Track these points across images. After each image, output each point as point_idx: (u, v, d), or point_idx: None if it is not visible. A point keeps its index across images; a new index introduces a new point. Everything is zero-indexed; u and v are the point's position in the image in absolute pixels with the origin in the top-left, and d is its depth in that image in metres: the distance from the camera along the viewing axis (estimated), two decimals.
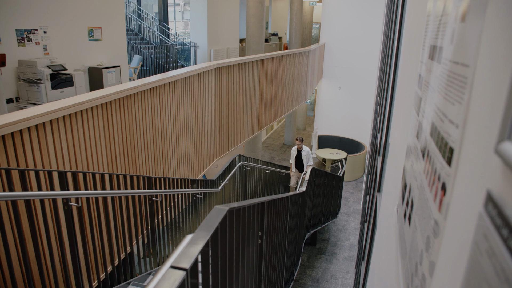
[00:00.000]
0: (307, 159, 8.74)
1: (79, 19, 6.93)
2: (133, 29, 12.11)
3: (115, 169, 3.48)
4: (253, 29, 10.65)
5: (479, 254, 0.52)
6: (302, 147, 8.77)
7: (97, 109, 3.17)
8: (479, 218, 0.55)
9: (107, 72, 7.15)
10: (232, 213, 1.34)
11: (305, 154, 8.77)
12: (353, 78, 14.33)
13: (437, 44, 1.02)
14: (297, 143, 8.76)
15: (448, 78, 0.83)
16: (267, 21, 22.42)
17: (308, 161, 8.73)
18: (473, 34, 0.69)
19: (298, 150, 8.85)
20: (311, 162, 8.75)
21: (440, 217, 0.78)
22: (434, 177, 0.88)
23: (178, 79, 4.64)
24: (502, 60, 0.52)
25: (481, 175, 0.56)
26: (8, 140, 2.34)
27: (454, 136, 0.74)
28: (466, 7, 0.74)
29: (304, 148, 8.79)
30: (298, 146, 8.78)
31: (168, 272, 0.93)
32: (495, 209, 0.48)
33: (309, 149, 8.83)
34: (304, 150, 8.78)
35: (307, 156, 8.75)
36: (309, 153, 8.76)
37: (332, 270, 7.66)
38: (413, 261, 1.04)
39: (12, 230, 2.26)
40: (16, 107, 5.83)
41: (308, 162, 8.72)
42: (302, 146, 8.77)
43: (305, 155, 8.77)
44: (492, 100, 0.54)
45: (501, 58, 0.53)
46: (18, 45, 5.94)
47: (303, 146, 8.77)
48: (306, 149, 8.79)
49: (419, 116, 1.28)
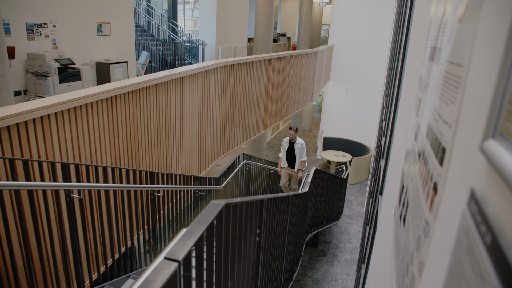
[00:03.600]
0: (301, 154, 7.38)
1: (88, 14, 6.99)
2: (142, 25, 12.17)
3: (118, 163, 3.50)
4: (261, 28, 10.66)
5: (460, 252, 0.53)
6: (296, 138, 7.34)
7: (102, 103, 3.19)
8: (462, 216, 0.55)
9: (114, 68, 7.20)
10: (229, 208, 1.34)
11: (298, 147, 7.34)
12: (360, 81, 14.28)
13: (437, 45, 1.03)
14: (290, 132, 7.27)
15: (444, 79, 0.84)
16: (276, 21, 22.40)
17: (302, 156, 7.40)
18: (468, 35, 0.69)
19: (290, 141, 7.39)
20: (305, 156, 7.45)
21: (430, 216, 0.78)
22: (427, 177, 0.89)
23: (184, 76, 4.66)
24: (489, 60, 0.53)
25: (467, 174, 0.57)
26: (13, 130, 2.37)
27: (447, 136, 0.74)
28: (463, 8, 0.74)
29: (298, 140, 7.36)
30: (290, 136, 7.31)
31: (161, 263, 0.94)
32: (476, 206, 0.49)
33: (303, 142, 7.46)
34: (297, 142, 7.35)
35: (301, 150, 7.37)
36: (303, 146, 7.38)
37: (333, 272, 7.65)
38: (405, 261, 1.04)
39: (15, 219, 2.28)
40: (23, 100, 5.89)
41: (301, 157, 7.41)
42: (296, 137, 7.34)
43: (298, 148, 7.34)
44: (480, 99, 0.55)
45: (488, 58, 0.54)
46: (28, 38, 6.00)
47: (296, 137, 7.35)
48: (300, 141, 7.37)
49: (418, 118, 1.28)
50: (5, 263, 2.24)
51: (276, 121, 8.91)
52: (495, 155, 0.43)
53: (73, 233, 2.60)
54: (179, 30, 12.98)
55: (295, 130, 7.21)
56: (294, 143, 7.33)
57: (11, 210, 2.27)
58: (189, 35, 13.02)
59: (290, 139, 7.34)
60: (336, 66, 14.84)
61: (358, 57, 14.07)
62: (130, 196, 3.26)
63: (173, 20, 12.99)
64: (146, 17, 12.35)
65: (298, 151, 7.32)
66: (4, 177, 2.23)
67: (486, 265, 0.40)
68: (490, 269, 0.38)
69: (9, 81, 4.03)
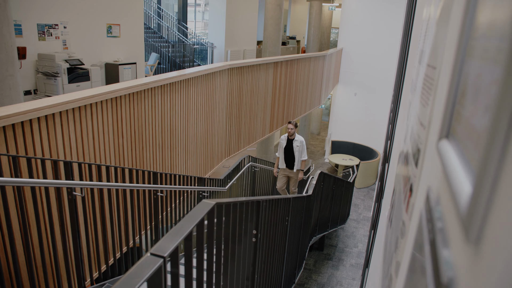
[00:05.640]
0: (300, 152, 6.51)
1: (98, 15, 7.09)
2: (152, 27, 12.30)
3: (122, 163, 3.55)
4: (270, 31, 10.69)
5: (415, 250, 0.54)
6: (295, 134, 6.47)
7: (107, 103, 3.24)
8: (420, 216, 0.56)
9: (123, 69, 7.29)
10: (221, 207, 1.36)
11: (297, 144, 6.45)
12: (369, 85, 14.22)
13: (423, 48, 1.03)
14: (289, 127, 6.38)
15: (423, 81, 0.84)
16: (286, 24, 22.44)
17: (302, 155, 6.54)
18: (441, 38, 0.70)
19: (288, 138, 6.51)
20: (306, 155, 6.59)
21: (407, 217, 0.79)
22: (407, 179, 0.89)
23: (190, 78, 4.70)
24: (448, 61, 0.54)
25: (429, 174, 0.58)
26: (18, 128, 2.42)
27: (422, 138, 0.75)
28: (439, 11, 0.75)
29: (297, 137, 6.48)
30: (289, 132, 6.42)
31: (147, 259, 0.96)
32: (427, 205, 0.49)
33: (303, 139, 6.64)
34: (296, 139, 6.46)
35: (301, 148, 6.50)
36: (303, 144, 6.52)
37: (338, 276, 7.61)
38: (387, 262, 1.05)
39: (18, 216, 2.33)
40: (33, 99, 6.00)
41: (301, 156, 6.55)
42: (295, 134, 6.47)
43: (297, 145, 6.46)
44: (442, 100, 0.55)
45: (448, 59, 0.54)
46: (39, 39, 6.12)
47: (295, 134, 6.49)
48: (300, 138, 6.51)
49: (407, 120, 1.28)
50: (7, 258, 2.29)
51: (283, 123, 8.91)
52: (445, 154, 0.44)
53: (75, 230, 2.64)
54: (188, 32, 13.09)
55: (294, 125, 6.37)
56: (293, 140, 6.47)
57: (14, 206, 2.31)
58: (198, 37, 13.12)
59: (288, 136, 6.48)
60: (345, 69, 14.80)
61: (367, 61, 14.01)
62: (132, 195, 3.30)
63: (183, 22, 13.10)
64: (156, 19, 12.48)
65: (297, 149, 6.46)
66: (8, 174, 2.27)
67: (427, 263, 0.40)
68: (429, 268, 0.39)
69: (18, 81, 4.11)
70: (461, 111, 0.40)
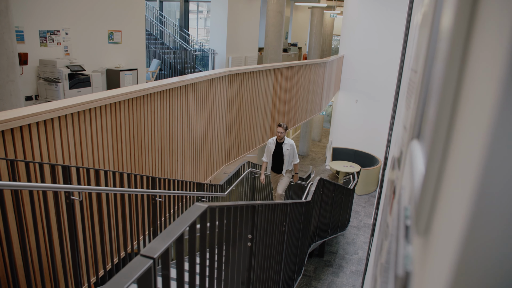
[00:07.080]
0: (291, 156, 6.14)
1: (100, 21, 7.16)
2: (154, 34, 12.40)
3: (120, 168, 3.56)
4: (271, 38, 10.75)
5: (390, 252, 0.55)
6: (284, 138, 6.06)
7: (106, 108, 3.26)
8: (397, 215, 0.57)
9: (124, 75, 7.34)
10: (214, 210, 1.37)
11: (287, 148, 6.06)
12: (371, 92, 14.24)
13: (411, 54, 1.05)
14: (279, 130, 5.94)
15: (408, 86, 0.86)
16: (287, 31, 22.57)
17: (294, 158, 6.18)
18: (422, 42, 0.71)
19: (277, 141, 6.10)
20: (297, 159, 6.23)
21: (390, 219, 0.80)
22: (392, 182, 0.90)
23: (190, 84, 4.72)
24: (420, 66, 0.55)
25: (406, 174, 0.59)
26: (17, 133, 2.44)
27: (404, 140, 0.76)
28: (420, 17, 0.76)
29: (286, 140, 6.07)
30: (278, 135, 5.99)
31: (136, 260, 0.97)
32: (398, 203, 0.51)
33: (293, 142, 6.20)
34: (286, 142, 6.06)
35: (291, 152, 6.13)
36: (293, 147, 6.13)
37: (338, 283, 7.57)
38: (375, 265, 1.06)
39: (15, 219, 2.34)
40: (34, 104, 6.04)
41: (294, 160, 6.19)
42: (284, 137, 6.07)
43: (287, 149, 6.07)
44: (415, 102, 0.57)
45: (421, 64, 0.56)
46: (41, 45, 6.18)
47: (285, 137, 6.08)
48: (290, 142, 6.10)
49: (398, 125, 1.29)
50: (5, 262, 2.29)
51: None
52: (413, 154, 0.46)
53: (73, 235, 2.65)
54: (190, 39, 13.17)
55: (284, 128, 5.94)
56: (283, 144, 6.07)
57: (12, 210, 2.32)
58: (200, 44, 13.21)
59: (277, 139, 6.07)
60: (347, 76, 14.84)
61: (369, 68, 14.05)
62: (131, 200, 3.31)
63: (185, 29, 13.20)
64: (158, 26, 12.58)
65: (287, 153, 6.07)
66: (6, 177, 2.29)
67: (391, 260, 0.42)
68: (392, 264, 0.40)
69: (19, 86, 4.14)
70: (427, 111, 0.41)
